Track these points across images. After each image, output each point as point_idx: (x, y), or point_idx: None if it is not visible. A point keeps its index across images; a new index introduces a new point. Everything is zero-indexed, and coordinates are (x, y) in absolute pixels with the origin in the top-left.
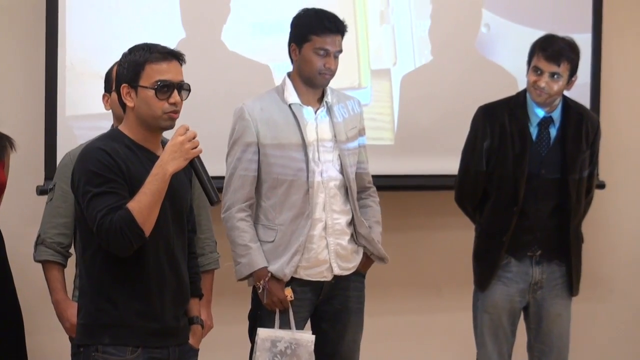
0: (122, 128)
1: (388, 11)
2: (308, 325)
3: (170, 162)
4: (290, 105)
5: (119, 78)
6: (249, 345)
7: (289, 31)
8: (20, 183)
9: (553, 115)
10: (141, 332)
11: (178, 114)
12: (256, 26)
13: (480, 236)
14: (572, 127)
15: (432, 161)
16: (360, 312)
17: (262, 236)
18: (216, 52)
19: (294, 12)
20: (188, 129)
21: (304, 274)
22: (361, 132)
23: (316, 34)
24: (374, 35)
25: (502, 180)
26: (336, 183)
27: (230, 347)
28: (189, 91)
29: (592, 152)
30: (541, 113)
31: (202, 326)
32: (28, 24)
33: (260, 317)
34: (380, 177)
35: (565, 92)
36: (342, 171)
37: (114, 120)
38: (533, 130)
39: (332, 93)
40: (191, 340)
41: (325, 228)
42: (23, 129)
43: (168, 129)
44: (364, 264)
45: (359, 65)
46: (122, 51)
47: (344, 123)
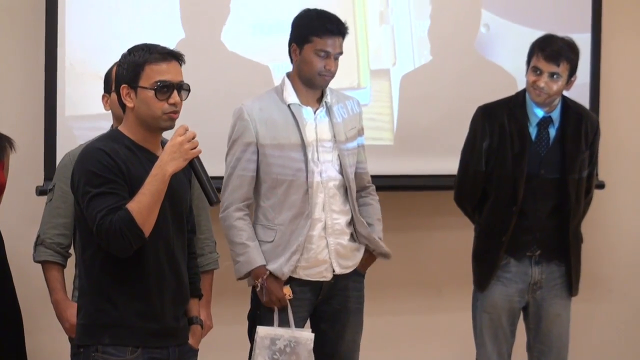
0: (121, 128)
1: (387, 11)
2: (307, 324)
3: (169, 163)
4: (289, 106)
5: (119, 79)
6: (249, 345)
7: (288, 31)
8: (20, 183)
9: (552, 115)
10: (141, 333)
11: (178, 114)
12: (256, 26)
13: (480, 236)
14: (571, 127)
15: (432, 161)
16: (360, 312)
17: (262, 236)
18: (216, 53)
19: (293, 13)
20: (187, 129)
21: (303, 274)
22: (360, 132)
23: (318, 36)
24: (373, 35)
25: (502, 180)
26: (335, 183)
27: (230, 347)
28: (189, 91)
29: (591, 152)
30: (540, 113)
31: (201, 326)
32: (28, 24)
33: (259, 317)
34: (380, 177)
35: (565, 92)
36: (342, 171)
37: (114, 121)
38: (532, 130)
39: (331, 93)
40: (191, 340)
41: (324, 228)
42: (23, 130)
43: (168, 130)
44: (367, 261)
45: (358, 65)
46: (122, 51)
47: (344, 123)
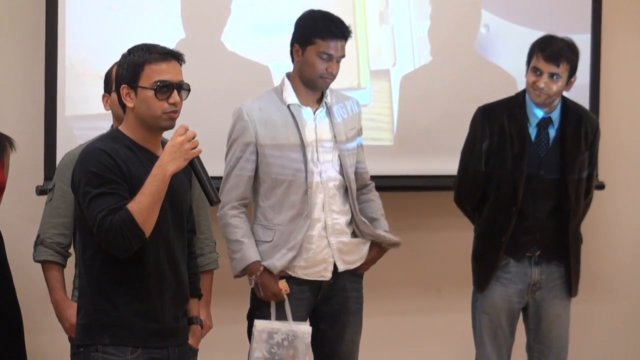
0: (122, 128)
1: (387, 12)
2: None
3: (170, 163)
4: (289, 106)
5: (119, 79)
6: (248, 345)
7: (288, 32)
8: (20, 183)
9: (552, 115)
10: (141, 333)
11: (178, 114)
12: (256, 27)
13: (479, 237)
14: (571, 127)
15: (432, 162)
16: (359, 313)
17: (261, 236)
18: (216, 53)
19: (293, 13)
20: (187, 129)
21: (302, 273)
22: (359, 132)
23: (321, 38)
24: (373, 35)
25: (501, 181)
26: (335, 183)
27: (230, 347)
28: (189, 91)
29: (591, 153)
30: (540, 114)
31: (201, 326)
32: (28, 24)
33: (258, 317)
34: (380, 177)
35: (565, 93)
36: (342, 172)
37: (114, 121)
38: (532, 131)
39: (331, 94)
40: (190, 340)
41: (325, 228)
42: (23, 129)
43: (168, 129)
44: (377, 254)
45: (358, 65)
46: (122, 51)
47: (344, 123)
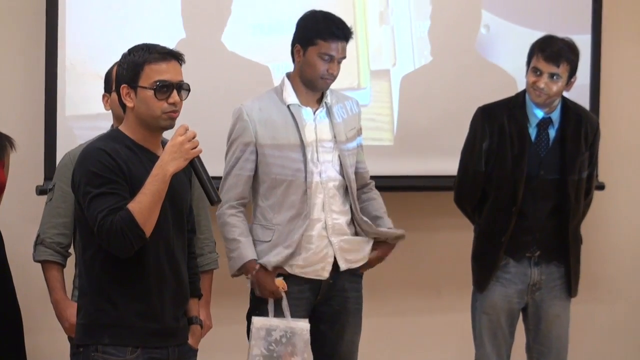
0: (122, 128)
1: (387, 12)
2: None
3: (170, 163)
4: (289, 106)
5: (119, 78)
6: (248, 345)
7: (288, 32)
8: (20, 183)
9: (552, 116)
10: (141, 333)
11: (177, 114)
12: (256, 27)
13: (479, 237)
14: (571, 128)
15: (432, 162)
16: (359, 313)
17: (260, 236)
18: (216, 53)
19: (293, 13)
20: (188, 129)
21: (300, 272)
22: (359, 132)
23: (323, 39)
24: (373, 35)
25: (501, 181)
26: (335, 184)
27: (229, 347)
28: (189, 91)
29: (591, 154)
30: (540, 114)
31: (201, 326)
32: (28, 24)
33: (257, 316)
34: (380, 177)
35: (565, 93)
36: (342, 172)
37: (114, 121)
38: (532, 131)
39: (331, 94)
40: (190, 340)
41: (325, 228)
42: (23, 129)
43: (168, 129)
44: (384, 252)
45: (358, 65)
46: (122, 51)
47: (344, 123)
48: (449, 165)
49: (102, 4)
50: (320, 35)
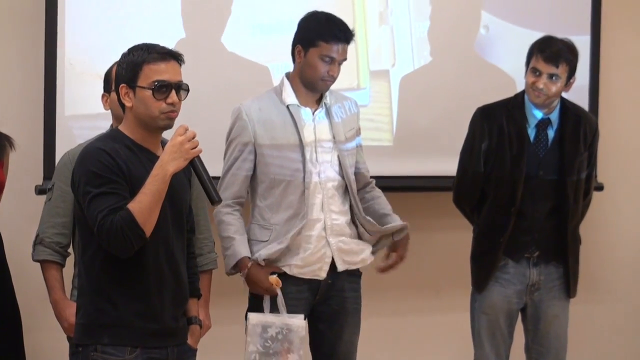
0: (122, 128)
1: (387, 12)
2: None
3: (170, 163)
4: (288, 106)
5: (118, 78)
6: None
7: (288, 32)
8: (19, 183)
9: (551, 116)
10: (140, 332)
11: (176, 114)
12: (256, 27)
13: (478, 237)
14: (570, 128)
15: (431, 162)
16: (357, 313)
17: (258, 236)
18: (216, 53)
19: (293, 13)
20: (187, 129)
21: (298, 272)
22: (358, 132)
23: (325, 41)
24: (373, 36)
25: (500, 182)
26: (334, 184)
27: (229, 347)
28: (188, 91)
29: (590, 154)
30: (539, 114)
31: (200, 326)
32: (28, 23)
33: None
34: (379, 178)
35: (564, 94)
36: (341, 172)
37: (113, 120)
38: (531, 132)
39: (330, 94)
40: (189, 340)
41: (324, 228)
42: (22, 129)
43: (166, 129)
44: (402, 250)
45: (357, 66)
46: (122, 51)
47: (342, 124)
48: (448, 166)
49: (102, 4)
50: (322, 37)
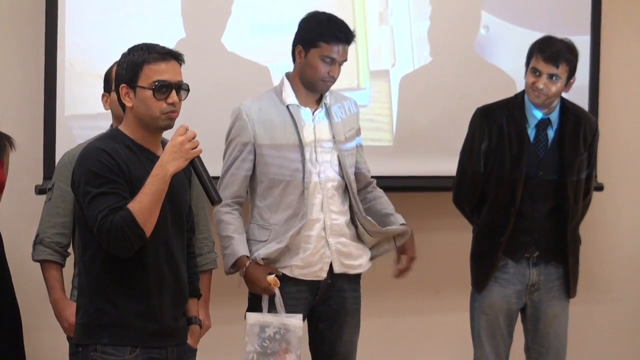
0: (122, 128)
1: (387, 12)
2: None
3: (170, 163)
4: (288, 106)
5: (118, 78)
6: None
7: (288, 32)
8: (19, 182)
9: (551, 117)
10: (140, 332)
11: (176, 114)
12: (256, 27)
13: (478, 237)
14: (569, 128)
15: (431, 162)
16: (357, 313)
17: (257, 236)
18: (216, 53)
19: (293, 13)
20: (188, 129)
21: (299, 273)
22: (358, 132)
23: (326, 42)
24: (373, 36)
25: (500, 182)
26: (334, 184)
27: (228, 347)
28: (188, 91)
29: (590, 154)
30: (539, 115)
31: (200, 326)
32: (28, 23)
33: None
34: (379, 178)
35: (564, 94)
36: (341, 172)
37: (113, 120)
38: (531, 132)
39: (330, 94)
40: (189, 340)
41: (324, 228)
42: (22, 129)
43: (167, 129)
44: (409, 256)
45: (357, 66)
46: (122, 51)
47: (342, 124)
48: (448, 166)
49: (102, 4)
50: (323, 37)
